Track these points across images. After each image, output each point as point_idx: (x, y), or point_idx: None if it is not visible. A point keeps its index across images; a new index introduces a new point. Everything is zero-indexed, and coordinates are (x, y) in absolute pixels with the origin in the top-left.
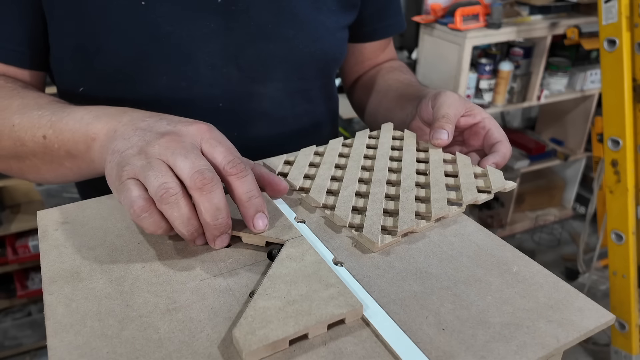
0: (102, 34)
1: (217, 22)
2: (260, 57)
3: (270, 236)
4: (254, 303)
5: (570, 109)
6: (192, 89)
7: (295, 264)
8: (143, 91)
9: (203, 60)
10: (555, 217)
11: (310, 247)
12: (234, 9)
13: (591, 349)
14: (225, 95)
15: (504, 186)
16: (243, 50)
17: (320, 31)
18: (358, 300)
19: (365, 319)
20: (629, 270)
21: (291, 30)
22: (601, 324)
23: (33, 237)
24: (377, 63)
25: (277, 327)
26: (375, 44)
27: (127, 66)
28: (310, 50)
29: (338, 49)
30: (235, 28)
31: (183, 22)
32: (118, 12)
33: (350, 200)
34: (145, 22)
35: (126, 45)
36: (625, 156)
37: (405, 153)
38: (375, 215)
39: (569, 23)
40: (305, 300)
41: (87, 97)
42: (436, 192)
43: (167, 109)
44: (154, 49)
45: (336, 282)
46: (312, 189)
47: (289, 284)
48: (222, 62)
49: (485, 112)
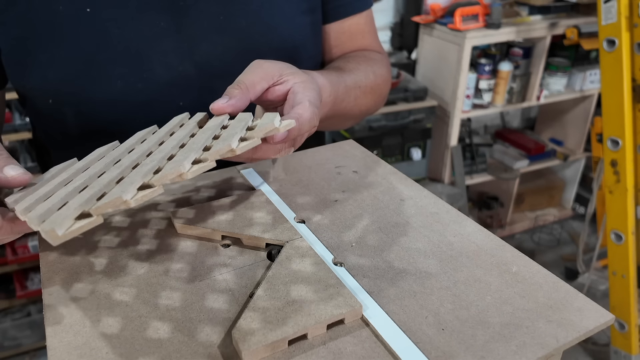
0: (53, 45)
1: (167, 20)
2: (216, 51)
3: (269, 238)
4: (254, 304)
5: (569, 109)
6: (150, 90)
7: (294, 265)
8: (100, 97)
9: (157, 60)
10: (554, 217)
11: (310, 248)
12: (182, 5)
13: (591, 349)
14: (185, 94)
15: (273, 126)
16: (197, 46)
17: (277, 18)
18: (357, 301)
19: (364, 319)
20: (629, 270)
21: (244, 20)
22: (601, 324)
23: (32, 237)
24: (346, 53)
25: (276, 327)
26: (341, 27)
27: (81, 73)
28: (267, 39)
29: (298, 35)
30: (186, 24)
31: (131, 24)
32: (64, 22)
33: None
34: (93, 28)
35: (77, 54)
36: (624, 156)
37: (183, 129)
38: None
39: (568, 23)
40: (305, 300)
41: (53, 110)
42: (183, 152)
43: (126, 113)
44: (106, 54)
45: (335, 282)
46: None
47: (289, 284)
48: (177, 61)
49: (302, 76)
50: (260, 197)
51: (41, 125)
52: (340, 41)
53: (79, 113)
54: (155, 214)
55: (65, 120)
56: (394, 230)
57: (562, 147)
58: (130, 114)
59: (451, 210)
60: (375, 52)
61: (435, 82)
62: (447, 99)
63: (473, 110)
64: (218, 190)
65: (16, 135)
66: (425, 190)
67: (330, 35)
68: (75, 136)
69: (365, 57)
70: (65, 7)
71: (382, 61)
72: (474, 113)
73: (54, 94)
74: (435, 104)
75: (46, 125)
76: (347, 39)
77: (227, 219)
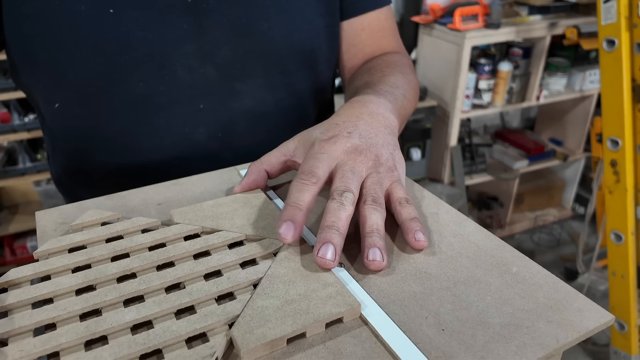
0: (74, 46)
1: (189, 23)
2: (237, 53)
3: (269, 237)
4: (252, 302)
5: (569, 109)
6: (171, 93)
7: (293, 264)
8: (121, 99)
9: (179, 62)
10: (554, 217)
11: (309, 247)
12: (205, 7)
13: (590, 349)
14: (206, 96)
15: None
16: (218, 48)
17: (297, 21)
18: (356, 299)
19: (363, 317)
20: (628, 270)
21: (265, 23)
22: (600, 324)
23: (31, 237)
24: (368, 55)
25: (275, 326)
26: (361, 23)
27: (102, 75)
28: (288, 42)
29: (317, 37)
30: (208, 27)
31: (154, 26)
32: (87, 23)
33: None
34: (116, 29)
35: (99, 55)
36: (624, 156)
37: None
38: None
39: (568, 23)
40: (303, 299)
41: (64, 112)
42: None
43: (147, 115)
44: (127, 55)
45: (334, 281)
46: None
47: (287, 283)
48: (198, 63)
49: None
50: (260, 196)
51: (53, 128)
52: (360, 39)
53: (97, 115)
54: (155, 214)
55: (81, 122)
56: (394, 230)
57: (562, 147)
58: (150, 115)
59: (451, 210)
60: (397, 53)
61: (434, 82)
62: (446, 99)
63: (473, 110)
64: (217, 191)
65: (15, 135)
66: (425, 191)
67: (349, 32)
68: (91, 138)
69: (395, 64)
70: (88, 7)
71: (410, 65)
72: (474, 113)
73: (71, 94)
74: (435, 104)
75: (59, 127)
76: (367, 37)
77: (226, 218)
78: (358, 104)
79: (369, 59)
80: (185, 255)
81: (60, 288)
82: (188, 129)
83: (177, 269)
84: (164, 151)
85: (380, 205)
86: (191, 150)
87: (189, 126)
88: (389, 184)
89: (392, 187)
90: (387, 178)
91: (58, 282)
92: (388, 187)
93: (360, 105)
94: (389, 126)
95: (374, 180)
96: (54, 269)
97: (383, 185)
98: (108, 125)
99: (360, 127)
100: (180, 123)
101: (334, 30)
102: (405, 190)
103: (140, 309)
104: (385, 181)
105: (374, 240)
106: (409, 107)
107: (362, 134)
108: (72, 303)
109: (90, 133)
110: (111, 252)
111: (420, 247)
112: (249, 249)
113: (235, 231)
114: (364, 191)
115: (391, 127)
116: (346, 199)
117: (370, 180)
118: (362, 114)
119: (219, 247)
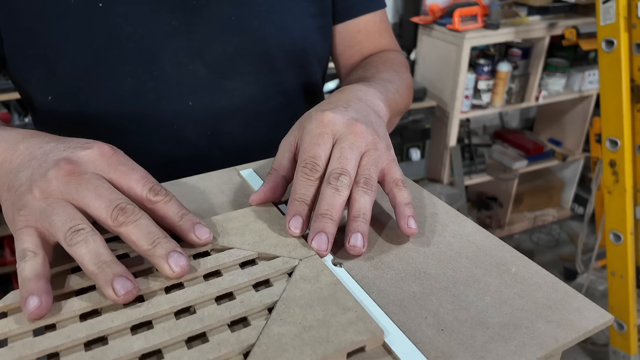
0: (63, 40)
1: (179, 19)
2: (226, 51)
3: (282, 255)
4: (268, 329)
5: (568, 109)
6: (160, 89)
7: (309, 286)
8: (109, 95)
9: (168, 58)
10: (553, 217)
11: (325, 266)
12: (195, 4)
13: (590, 349)
14: (195, 93)
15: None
16: (208, 45)
17: (288, 20)
18: (379, 326)
19: (386, 346)
20: (627, 270)
21: (255, 21)
22: (600, 324)
23: None
24: (366, 54)
25: (293, 356)
26: (357, 25)
27: (91, 70)
28: (278, 40)
29: (308, 37)
30: (198, 23)
31: (143, 21)
32: (76, 17)
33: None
34: (105, 23)
35: (87, 49)
36: (623, 157)
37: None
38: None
39: (567, 24)
40: (322, 325)
41: (55, 107)
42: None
43: (135, 112)
44: (116, 50)
45: (354, 305)
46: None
47: (304, 307)
48: (187, 60)
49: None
50: (271, 210)
51: (44, 123)
52: (357, 40)
53: (85, 110)
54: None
55: (71, 118)
56: (393, 230)
57: (561, 148)
58: (139, 112)
59: (450, 210)
60: (393, 51)
61: (434, 82)
62: (446, 100)
63: (472, 110)
64: (218, 192)
65: None
66: (424, 191)
67: (346, 34)
68: (81, 134)
69: (390, 61)
70: (77, 1)
71: (405, 64)
72: (473, 113)
73: (61, 89)
74: (434, 105)
75: (50, 122)
76: (364, 38)
77: (237, 235)
78: (347, 89)
79: (355, 57)
80: (195, 275)
81: (63, 312)
82: (176, 126)
83: (187, 292)
84: (152, 149)
85: (371, 188)
86: (179, 148)
87: (178, 123)
88: (386, 163)
89: (388, 166)
90: (384, 156)
91: (61, 306)
92: (384, 166)
93: (348, 90)
94: (377, 112)
95: (370, 160)
96: (56, 291)
97: (379, 164)
98: (97, 120)
99: (352, 106)
100: (168, 120)
101: (326, 31)
102: (401, 171)
103: (148, 336)
104: (382, 159)
105: (359, 225)
106: (401, 102)
107: (357, 110)
108: (77, 330)
109: (80, 129)
110: None
111: (411, 234)
112: (262, 269)
113: (246, 249)
114: (359, 170)
115: (379, 113)
116: (342, 183)
117: (366, 159)
118: (351, 98)
119: (230, 266)
